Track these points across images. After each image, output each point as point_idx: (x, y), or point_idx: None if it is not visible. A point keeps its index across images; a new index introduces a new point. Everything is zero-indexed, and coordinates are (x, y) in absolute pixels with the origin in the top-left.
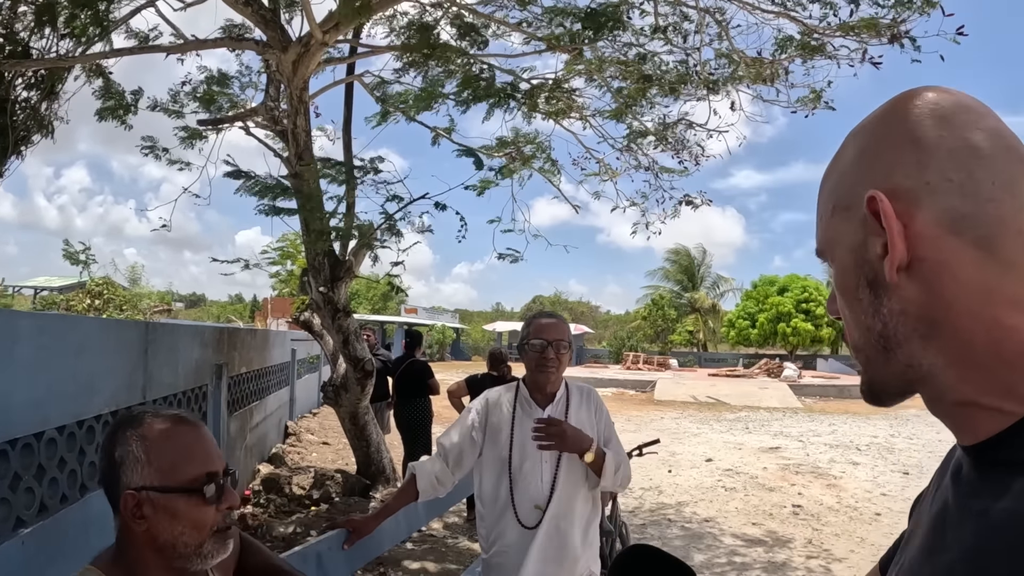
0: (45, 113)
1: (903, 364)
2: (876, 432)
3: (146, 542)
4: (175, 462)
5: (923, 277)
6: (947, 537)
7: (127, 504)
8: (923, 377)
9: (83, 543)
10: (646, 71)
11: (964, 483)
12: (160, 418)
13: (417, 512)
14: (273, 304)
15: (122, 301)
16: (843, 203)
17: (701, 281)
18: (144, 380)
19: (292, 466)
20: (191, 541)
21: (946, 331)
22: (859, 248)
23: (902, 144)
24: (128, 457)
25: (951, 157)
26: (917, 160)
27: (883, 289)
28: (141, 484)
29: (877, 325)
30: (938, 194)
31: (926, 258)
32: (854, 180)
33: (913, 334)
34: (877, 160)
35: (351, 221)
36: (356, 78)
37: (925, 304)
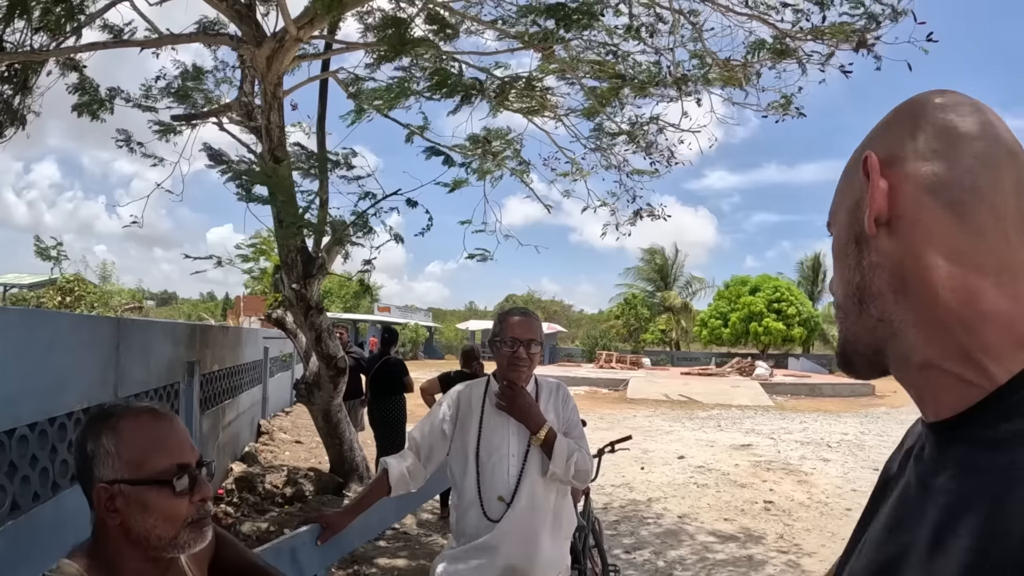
0: (18, 107)
1: (875, 318)
2: (847, 430)
3: (121, 535)
4: (145, 454)
5: (900, 233)
6: (909, 514)
7: (100, 498)
8: (892, 334)
9: (56, 541)
10: (619, 70)
11: (926, 461)
12: (131, 411)
13: (390, 508)
14: (245, 302)
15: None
16: (848, 169)
17: (674, 281)
18: (116, 377)
19: (265, 465)
20: (164, 534)
21: (916, 287)
22: (853, 207)
23: (903, 121)
24: (99, 451)
25: (940, 132)
26: (911, 133)
27: (865, 243)
28: (113, 477)
29: (856, 277)
30: (921, 159)
31: (903, 215)
32: (861, 150)
33: (887, 288)
34: (882, 133)
35: (324, 216)
36: (331, 74)
37: (899, 259)
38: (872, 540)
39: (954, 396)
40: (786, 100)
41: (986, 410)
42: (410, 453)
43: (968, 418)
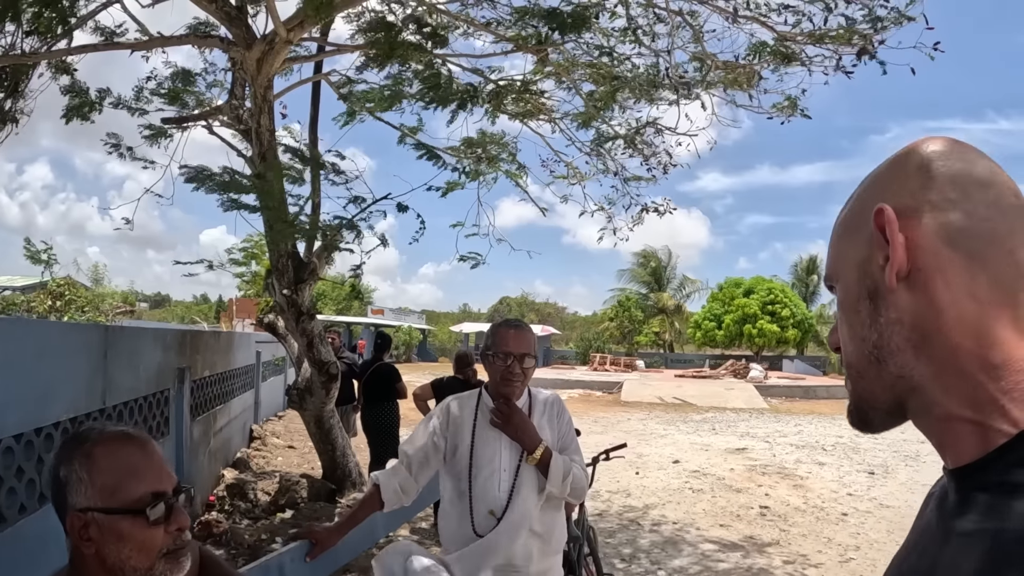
0: (10, 110)
1: (894, 375)
2: (841, 432)
3: (96, 564)
4: (118, 482)
5: (919, 286)
6: (930, 557)
7: (74, 526)
8: (912, 389)
9: (42, 553)
10: (616, 72)
11: (948, 506)
12: (105, 436)
13: (380, 521)
14: (238, 305)
15: (84, 302)
16: (852, 223)
17: (668, 283)
18: (104, 385)
19: (257, 471)
20: (140, 564)
21: (937, 340)
22: (863, 263)
23: (910, 172)
24: (72, 477)
25: (953, 181)
26: (922, 183)
27: (882, 299)
28: (85, 505)
29: (873, 335)
30: (938, 210)
31: (923, 267)
32: (864, 203)
33: (906, 344)
34: (887, 185)
35: (317, 220)
36: (323, 77)
37: (919, 313)
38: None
39: (975, 442)
40: (791, 102)
41: (1007, 454)
42: (401, 467)
43: (989, 463)
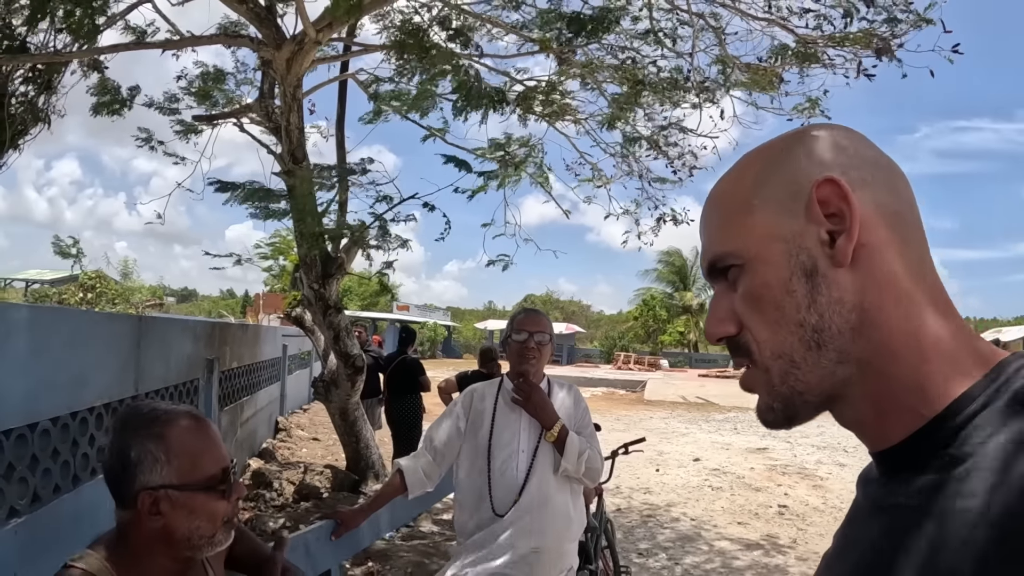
0: (43, 107)
1: (833, 361)
2: None
3: (159, 536)
4: (194, 461)
5: (862, 264)
6: (857, 535)
7: (144, 503)
8: (848, 377)
9: (76, 533)
10: (640, 76)
11: (875, 485)
12: (174, 416)
13: (404, 506)
14: (265, 300)
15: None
16: (771, 196)
17: (693, 282)
18: (136, 373)
19: (282, 461)
20: (206, 533)
21: (877, 321)
22: (794, 238)
23: (829, 148)
24: (146, 458)
25: (874, 163)
26: (847, 161)
27: (821, 278)
28: (160, 483)
29: (812, 318)
30: (871, 189)
31: (866, 244)
32: (787, 175)
33: (845, 325)
34: (810, 159)
35: (343, 220)
36: (350, 76)
37: (860, 291)
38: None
39: (901, 425)
40: (812, 103)
41: (929, 436)
42: (425, 452)
43: (913, 444)
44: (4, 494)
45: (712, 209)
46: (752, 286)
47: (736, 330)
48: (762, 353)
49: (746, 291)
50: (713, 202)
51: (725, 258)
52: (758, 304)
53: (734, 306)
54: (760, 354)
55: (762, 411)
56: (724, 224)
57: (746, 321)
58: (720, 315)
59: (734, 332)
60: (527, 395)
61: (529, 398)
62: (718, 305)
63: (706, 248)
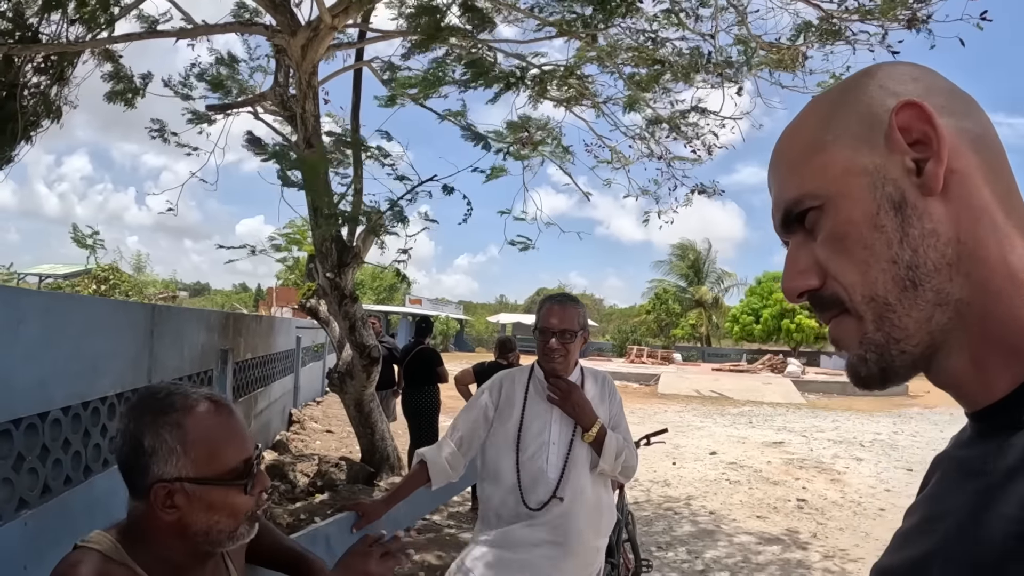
0: (55, 98)
1: (931, 302)
2: (879, 429)
3: (174, 530)
4: (212, 452)
5: (954, 191)
6: (945, 507)
7: (158, 495)
8: (947, 323)
9: (87, 525)
10: (659, 56)
11: (967, 448)
12: (193, 403)
13: (423, 498)
14: (277, 293)
15: (128, 288)
16: (845, 130)
17: (706, 276)
18: (150, 363)
19: (296, 453)
20: (226, 527)
21: (975, 254)
22: (876, 169)
23: (903, 80)
24: (161, 448)
25: (951, 92)
26: (926, 89)
27: (912, 209)
28: (176, 475)
29: (905, 254)
30: (953, 115)
31: (956, 170)
32: (860, 107)
33: (942, 260)
34: (883, 90)
35: (359, 205)
36: (365, 63)
37: (954, 222)
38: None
39: (1007, 375)
40: (836, 80)
41: None
42: (449, 442)
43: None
44: (14, 485)
45: (781, 155)
46: (835, 226)
47: (819, 282)
48: (853, 299)
49: (829, 233)
50: (781, 148)
51: (801, 201)
52: (843, 244)
53: (815, 254)
54: (851, 300)
55: (854, 365)
56: (796, 166)
57: (831, 267)
58: (800, 267)
59: (817, 284)
60: (565, 395)
61: (568, 398)
62: (796, 257)
63: (778, 197)
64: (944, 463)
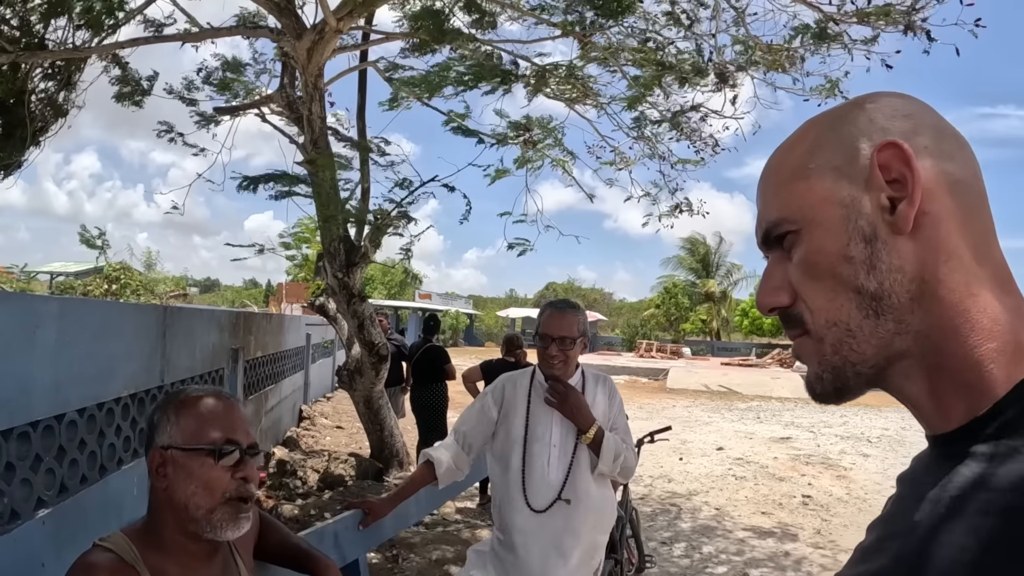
0: (63, 103)
1: (891, 331)
2: (887, 425)
3: (165, 502)
4: (199, 425)
5: (924, 232)
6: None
7: (153, 461)
8: (904, 350)
9: (103, 523)
10: (660, 57)
11: (923, 473)
12: (198, 391)
13: (431, 495)
14: (287, 289)
15: (138, 286)
16: (828, 161)
17: (716, 269)
18: (162, 364)
19: (306, 450)
20: (202, 503)
21: (937, 292)
22: (852, 203)
23: (892, 115)
24: (162, 420)
25: (939, 132)
26: (911, 128)
27: (882, 244)
28: (167, 443)
29: (871, 285)
30: (935, 157)
31: (929, 212)
32: (846, 139)
33: (905, 295)
34: (871, 124)
35: (366, 207)
36: (370, 64)
37: (920, 261)
38: (862, 550)
39: (964, 406)
40: (832, 84)
41: (988, 423)
42: (453, 443)
43: (979, 426)
44: (32, 485)
45: (768, 176)
46: (808, 252)
47: (790, 301)
48: (816, 321)
49: (802, 257)
50: (769, 169)
51: (780, 224)
52: (814, 270)
53: (788, 275)
54: (814, 322)
55: (811, 382)
56: (780, 190)
57: (801, 289)
58: (774, 284)
59: (787, 303)
60: (563, 398)
61: (565, 401)
62: (772, 275)
63: (761, 215)
64: (904, 483)
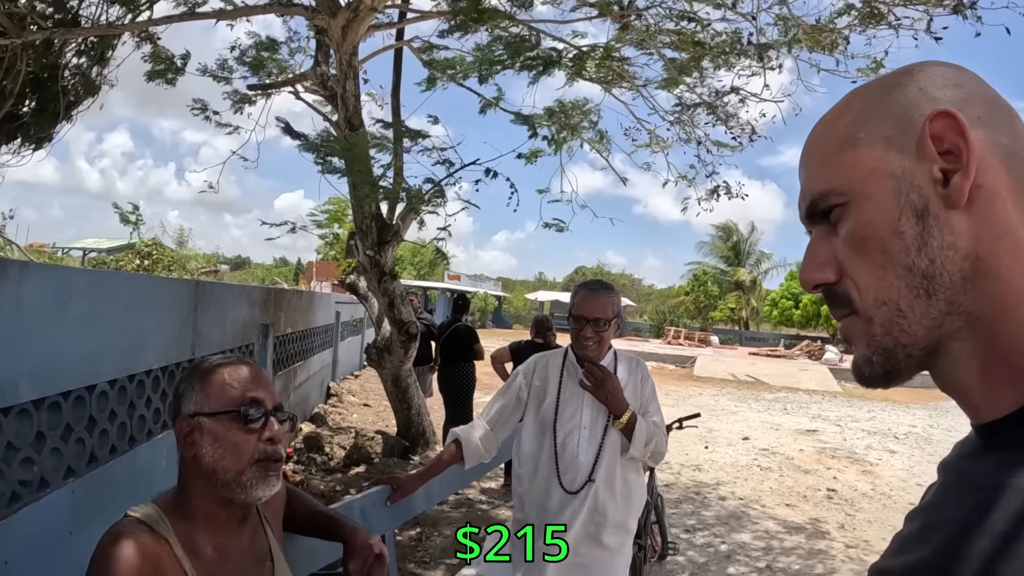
0: (95, 78)
1: (942, 311)
2: (915, 422)
3: (194, 469)
4: (222, 389)
5: (977, 206)
6: (942, 517)
7: (180, 430)
8: (956, 332)
9: (131, 493)
10: (699, 38)
11: (968, 462)
12: (223, 359)
13: (457, 474)
14: (317, 268)
15: (170, 262)
16: (878, 131)
17: (746, 258)
18: (193, 337)
19: (333, 426)
20: (231, 466)
21: (992, 270)
22: (904, 175)
23: (943, 85)
24: (188, 389)
25: (991, 102)
26: (963, 98)
27: (933, 220)
28: (193, 411)
29: (922, 262)
30: (988, 128)
31: (983, 186)
32: (897, 108)
33: (957, 273)
34: (922, 94)
35: (399, 185)
36: (405, 43)
37: (974, 238)
38: (901, 539)
39: (1011, 394)
40: (876, 64)
41: None
42: (482, 423)
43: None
44: (62, 454)
45: (813, 146)
46: (856, 226)
47: (835, 277)
48: (864, 300)
49: (849, 232)
50: (814, 139)
51: (827, 196)
52: (863, 246)
53: (835, 251)
54: (862, 301)
55: (859, 365)
56: (826, 160)
57: (848, 266)
58: (819, 260)
59: (833, 280)
60: (599, 383)
61: (601, 387)
62: (816, 250)
63: (805, 188)
64: (946, 471)
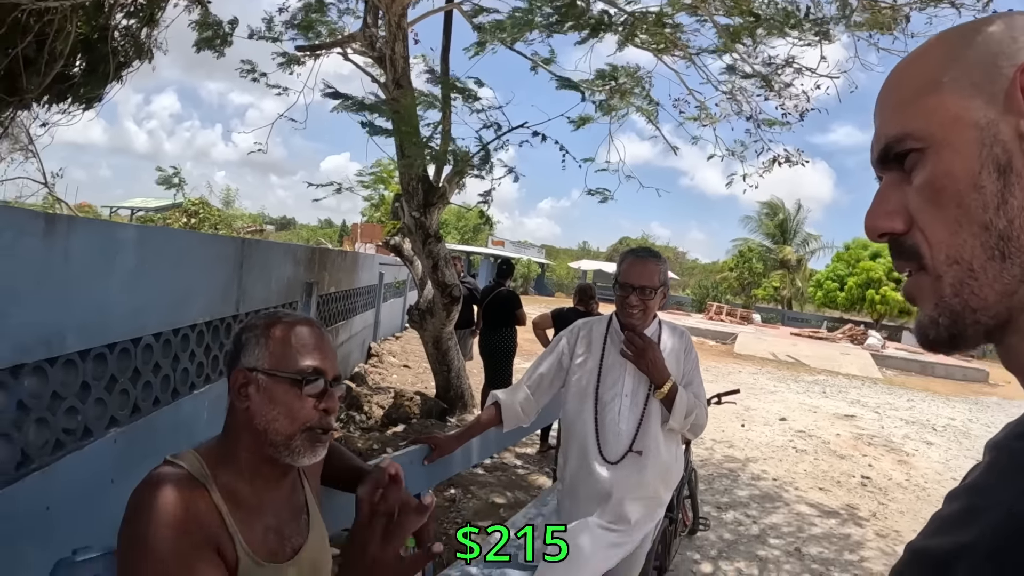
0: (145, 40)
1: (1016, 278)
2: (954, 415)
3: (244, 423)
4: (287, 351)
5: None
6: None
7: (236, 380)
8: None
9: (173, 443)
10: (754, 7)
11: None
12: (291, 317)
13: (493, 438)
14: (362, 229)
15: (217, 220)
16: (964, 75)
17: (793, 236)
18: (238, 294)
19: (373, 386)
20: (282, 429)
21: None
22: (989, 126)
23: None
24: (251, 341)
25: None
26: None
27: (1016, 177)
28: (253, 365)
29: (1000, 221)
30: None
31: None
32: (986, 54)
33: None
34: (1013, 43)
35: (447, 146)
36: (455, 6)
37: None
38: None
39: None
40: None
41: None
42: (524, 387)
43: None
44: (106, 404)
45: (890, 88)
46: (933, 175)
47: (904, 227)
48: (935, 257)
49: (925, 181)
50: (893, 80)
51: (904, 140)
52: (938, 197)
53: (906, 200)
54: (933, 258)
55: (924, 326)
56: (906, 102)
57: (919, 217)
58: (888, 208)
59: (902, 230)
60: (640, 352)
61: (643, 356)
62: (887, 197)
63: (880, 130)
64: (997, 450)
